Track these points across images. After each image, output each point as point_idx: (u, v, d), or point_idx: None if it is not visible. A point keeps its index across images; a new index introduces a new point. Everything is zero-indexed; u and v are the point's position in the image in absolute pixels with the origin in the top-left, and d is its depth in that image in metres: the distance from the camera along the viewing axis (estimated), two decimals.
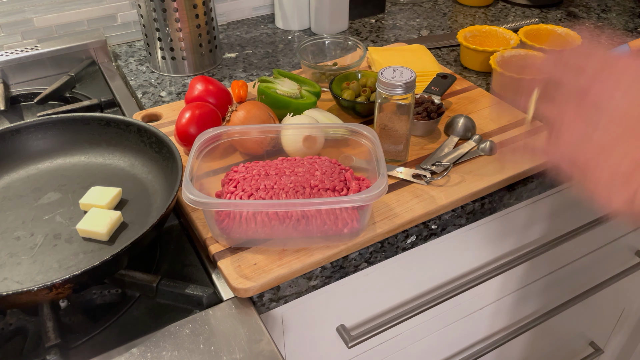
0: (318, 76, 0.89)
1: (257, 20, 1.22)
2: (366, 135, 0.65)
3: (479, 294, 0.90)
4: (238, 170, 0.64)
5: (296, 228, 0.59)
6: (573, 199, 0.89)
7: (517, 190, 0.74)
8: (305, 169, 0.63)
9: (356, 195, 0.56)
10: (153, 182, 0.71)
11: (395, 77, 0.68)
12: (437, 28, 1.18)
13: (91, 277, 0.53)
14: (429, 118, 0.78)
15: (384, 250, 0.66)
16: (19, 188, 0.71)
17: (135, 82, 0.99)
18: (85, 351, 0.55)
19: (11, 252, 0.62)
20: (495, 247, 0.85)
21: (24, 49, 0.99)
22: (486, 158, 0.75)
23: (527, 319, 1.06)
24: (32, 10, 1.01)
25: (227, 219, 0.59)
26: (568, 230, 0.91)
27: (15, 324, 0.58)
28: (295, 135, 0.70)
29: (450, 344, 0.96)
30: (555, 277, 1.02)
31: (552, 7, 1.27)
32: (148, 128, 0.72)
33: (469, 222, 0.72)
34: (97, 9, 1.06)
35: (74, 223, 0.65)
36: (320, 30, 1.15)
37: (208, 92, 0.80)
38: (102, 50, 1.04)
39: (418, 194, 0.69)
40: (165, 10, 0.93)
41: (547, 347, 1.21)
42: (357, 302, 0.74)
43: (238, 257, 0.61)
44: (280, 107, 0.79)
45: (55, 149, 0.75)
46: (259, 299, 0.60)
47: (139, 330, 0.57)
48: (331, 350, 0.77)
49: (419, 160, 0.75)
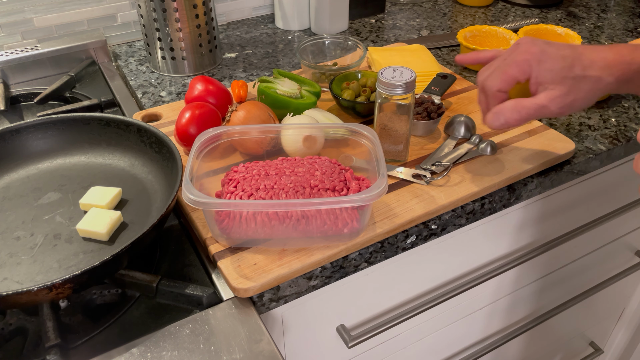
0: (318, 76, 0.89)
1: (257, 20, 1.22)
2: (366, 135, 0.65)
3: (478, 294, 0.90)
4: (238, 170, 0.64)
5: (296, 228, 0.59)
6: (573, 199, 0.89)
7: (517, 190, 0.74)
8: (305, 169, 0.63)
9: (356, 195, 0.56)
10: (153, 182, 0.71)
11: (395, 77, 0.68)
12: (437, 28, 1.18)
13: (91, 277, 0.53)
14: (429, 118, 0.78)
15: (384, 250, 0.66)
16: (19, 188, 0.71)
17: (135, 82, 0.99)
18: (85, 351, 0.55)
19: (11, 252, 0.62)
20: (495, 247, 0.85)
21: (24, 49, 0.99)
22: (486, 158, 0.75)
23: (527, 319, 1.06)
24: (32, 10, 1.01)
25: (227, 219, 0.59)
26: (568, 230, 0.91)
27: (15, 324, 0.58)
28: (295, 135, 0.70)
29: (450, 344, 0.96)
30: (555, 277, 1.02)
31: (552, 7, 1.27)
32: (148, 128, 0.72)
33: (469, 222, 0.72)
34: (97, 9, 1.06)
35: (74, 223, 0.65)
36: (320, 30, 1.15)
37: (208, 92, 0.80)
38: (102, 50, 1.04)
39: (418, 194, 0.69)
40: (165, 10, 0.93)
41: (547, 347, 1.21)
42: (357, 302, 0.74)
43: (238, 257, 0.61)
44: (280, 107, 0.79)
45: (55, 149, 0.75)
46: (259, 299, 0.60)
47: (139, 330, 0.57)
48: (331, 350, 0.77)
49: (419, 160, 0.75)
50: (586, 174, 0.83)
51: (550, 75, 0.60)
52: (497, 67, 0.63)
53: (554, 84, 0.60)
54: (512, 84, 0.63)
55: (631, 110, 0.89)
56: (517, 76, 0.62)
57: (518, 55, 0.62)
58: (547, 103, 0.60)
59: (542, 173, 0.76)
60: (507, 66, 0.62)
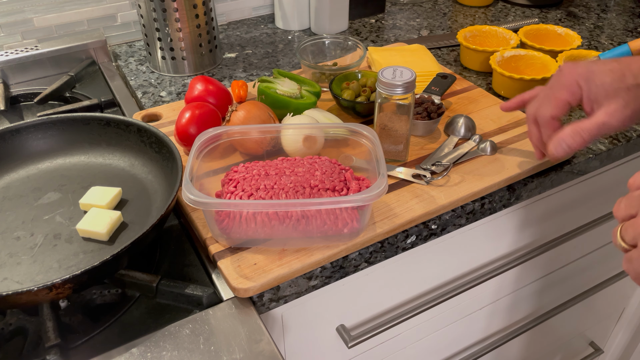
0: (318, 76, 0.89)
1: (257, 20, 1.22)
2: (366, 135, 0.65)
3: (478, 294, 0.90)
4: (238, 170, 0.64)
5: (296, 228, 0.59)
6: (572, 199, 0.89)
7: (517, 190, 0.74)
8: (305, 169, 0.63)
9: (356, 195, 0.56)
10: (153, 182, 0.71)
11: (395, 77, 0.68)
12: (437, 28, 1.18)
13: (91, 277, 0.53)
14: (429, 118, 0.78)
15: (384, 250, 0.66)
16: (19, 188, 0.71)
17: (135, 82, 0.99)
18: (85, 351, 0.55)
19: (11, 252, 0.62)
20: (495, 247, 0.85)
21: (24, 49, 0.99)
22: (486, 158, 0.75)
23: (527, 319, 1.06)
24: (32, 10, 1.01)
25: (227, 219, 0.59)
26: (568, 230, 0.91)
27: (15, 324, 0.58)
28: (295, 135, 0.70)
29: (450, 343, 0.96)
30: (555, 277, 1.02)
31: (552, 7, 1.27)
32: (148, 128, 0.72)
33: (469, 222, 0.72)
34: (97, 9, 1.06)
35: (74, 223, 0.65)
36: (320, 30, 1.15)
37: (208, 92, 0.80)
38: (102, 50, 1.04)
39: (418, 194, 0.69)
40: (165, 10, 0.93)
41: (547, 347, 1.21)
42: (357, 302, 0.74)
43: (238, 257, 0.61)
44: (280, 107, 0.79)
45: (55, 149, 0.75)
46: (259, 299, 0.60)
47: (139, 330, 0.57)
48: (331, 350, 0.77)
49: (419, 160, 0.75)
50: (586, 174, 0.83)
51: (603, 90, 0.59)
52: (545, 95, 0.63)
53: (609, 99, 0.58)
54: (565, 109, 0.62)
55: None
56: (568, 99, 0.61)
57: (564, 78, 0.61)
58: (607, 119, 0.58)
59: (542, 173, 0.76)
60: (557, 91, 0.61)
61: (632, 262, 0.47)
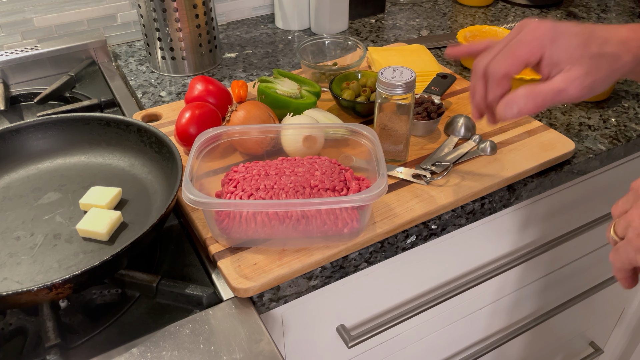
0: (318, 76, 0.89)
1: (257, 20, 1.22)
2: (366, 135, 0.65)
3: (478, 294, 0.90)
4: (238, 170, 0.64)
5: (296, 228, 0.59)
6: (572, 199, 0.89)
7: (517, 190, 0.74)
8: (305, 169, 0.63)
9: (356, 195, 0.56)
10: (153, 182, 0.71)
11: (395, 77, 0.68)
12: (437, 28, 1.18)
13: (91, 277, 0.53)
14: (429, 118, 0.78)
15: (384, 250, 0.66)
16: (19, 188, 0.71)
17: (135, 82, 0.99)
18: (85, 351, 0.55)
19: (11, 252, 0.62)
20: (495, 247, 0.85)
21: (24, 49, 0.99)
22: (486, 158, 0.75)
23: (527, 319, 1.06)
24: (32, 10, 1.01)
25: (227, 219, 0.59)
26: (568, 231, 0.91)
27: (15, 324, 0.58)
28: (295, 135, 0.70)
29: (450, 344, 0.96)
30: (555, 277, 1.02)
31: (552, 7, 1.27)
32: (148, 128, 0.72)
33: (469, 222, 0.72)
34: (97, 9, 1.06)
35: (74, 223, 0.65)
36: (320, 30, 1.15)
37: (208, 92, 0.80)
38: (102, 50, 1.04)
39: (418, 194, 0.69)
40: (165, 10, 0.93)
41: (547, 347, 1.21)
42: (357, 302, 0.74)
43: (238, 257, 0.61)
44: (280, 107, 0.79)
45: (55, 149, 0.75)
46: (259, 299, 0.60)
47: (139, 330, 0.57)
48: (331, 350, 0.77)
49: (419, 160, 0.75)
50: (586, 174, 0.83)
51: (566, 55, 0.53)
52: (501, 50, 0.56)
53: (571, 64, 0.53)
54: (520, 67, 0.56)
55: (631, 110, 0.89)
56: (527, 58, 0.55)
57: (526, 34, 0.55)
58: (566, 86, 0.53)
59: (542, 173, 0.76)
60: (515, 48, 0.55)
61: (619, 251, 0.46)
